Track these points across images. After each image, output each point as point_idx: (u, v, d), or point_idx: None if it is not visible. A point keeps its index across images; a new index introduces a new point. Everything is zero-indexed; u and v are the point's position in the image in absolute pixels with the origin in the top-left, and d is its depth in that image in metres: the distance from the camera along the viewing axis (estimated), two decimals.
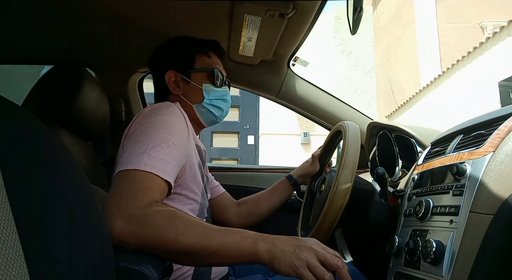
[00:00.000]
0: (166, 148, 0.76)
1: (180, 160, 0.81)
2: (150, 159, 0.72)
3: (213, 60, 1.03)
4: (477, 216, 0.64)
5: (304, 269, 0.61)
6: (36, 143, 0.44)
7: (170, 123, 0.81)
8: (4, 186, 0.37)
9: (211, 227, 0.68)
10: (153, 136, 0.76)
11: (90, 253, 0.47)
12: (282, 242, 0.65)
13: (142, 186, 0.69)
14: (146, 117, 0.83)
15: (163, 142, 0.76)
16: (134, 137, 0.78)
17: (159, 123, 0.80)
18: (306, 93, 1.50)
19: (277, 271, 0.63)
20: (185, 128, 0.85)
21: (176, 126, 0.82)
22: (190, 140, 0.86)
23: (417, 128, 1.18)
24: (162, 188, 0.73)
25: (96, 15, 1.16)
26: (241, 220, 1.20)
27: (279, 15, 1.03)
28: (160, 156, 0.74)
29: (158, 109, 0.85)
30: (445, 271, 0.65)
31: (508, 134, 0.68)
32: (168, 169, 0.74)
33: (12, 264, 0.34)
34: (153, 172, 0.71)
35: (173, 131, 0.80)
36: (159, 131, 0.78)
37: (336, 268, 0.62)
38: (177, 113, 0.86)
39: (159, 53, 1.04)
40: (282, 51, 1.31)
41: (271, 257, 0.63)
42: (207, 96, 0.98)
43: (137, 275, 0.56)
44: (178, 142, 0.80)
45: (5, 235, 0.35)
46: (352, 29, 0.98)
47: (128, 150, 0.75)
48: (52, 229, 0.41)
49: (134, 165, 0.71)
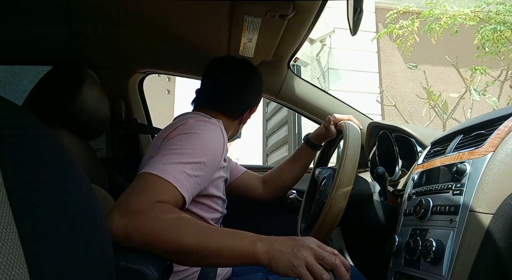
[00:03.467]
0: (195, 165, 0.76)
1: (206, 180, 0.82)
2: (174, 169, 0.73)
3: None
4: (477, 215, 0.64)
5: (302, 268, 0.61)
6: (36, 143, 0.44)
7: (208, 141, 0.82)
8: (4, 186, 0.37)
9: (211, 228, 0.68)
10: (187, 149, 0.77)
11: (90, 253, 0.47)
12: (280, 243, 0.65)
13: (155, 190, 0.69)
14: (189, 128, 0.83)
15: (194, 158, 0.77)
16: (169, 144, 0.79)
17: (198, 138, 0.81)
18: (306, 93, 1.51)
19: (275, 271, 0.63)
20: (221, 149, 0.86)
21: (213, 145, 0.83)
22: (221, 160, 0.87)
23: (417, 128, 1.18)
24: (176, 199, 0.72)
25: (96, 15, 1.17)
26: (270, 195, 1.27)
27: (279, 16, 1.03)
28: (185, 170, 0.74)
29: (202, 124, 0.85)
30: (445, 270, 0.65)
31: (508, 134, 0.69)
32: (188, 184, 0.74)
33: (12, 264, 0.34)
34: (172, 182, 0.71)
35: (208, 150, 0.81)
36: (195, 146, 0.78)
37: (334, 266, 0.62)
38: (218, 134, 0.86)
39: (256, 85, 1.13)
40: (282, 52, 1.31)
41: (270, 258, 0.63)
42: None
43: (137, 275, 0.56)
44: (209, 162, 0.80)
45: (5, 235, 0.35)
46: (353, 30, 0.98)
47: (158, 155, 0.76)
48: (52, 229, 0.41)
49: (157, 171, 0.71)
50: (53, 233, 0.41)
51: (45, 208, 0.41)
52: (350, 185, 0.91)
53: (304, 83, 1.51)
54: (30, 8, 1.11)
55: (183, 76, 1.56)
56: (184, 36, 1.23)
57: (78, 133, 1.10)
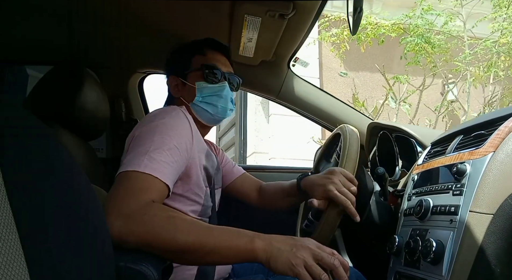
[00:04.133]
0: (168, 151, 0.77)
1: (182, 163, 0.82)
2: (150, 161, 0.73)
3: (209, 57, 1.02)
4: (477, 215, 0.64)
5: (301, 268, 0.61)
6: (36, 143, 0.44)
7: (173, 127, 0.82)
8: (4, 186, 0.37)
9: (208, 226, 0.68)
10: (155, 139, 0.78)
11: (90, 253, 0.47)
12: (279, 241, 0.65)
13: (141, 187, 0.70)
14: (150, 120, 0.84)
15: (164, 145, 0.77)
16: (137, 140, 0.79)
17: (162, 126, 0.81)
18: (306, 93, 1.50)
19: (273, 270, 0.63)
20: (189, 132, 0.86)
21: (179, 130, 0.83)
22: (194, 144, 0.87)
23: (417, 128, 1.18)
24: (161, 190, 0.73)
25: (96, 15, 1.17)
26: (263, 206, 1.20)
27: (279, 15, 1.02)
28: (161, 159, 0.75)
29: (163, 113, 0.86)
30: (445, 270, 0.65)
31: (508, 134, 0.69)
32: (168, 171, 0.75)
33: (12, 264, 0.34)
34: (152, 174, 0.72)
35: (176, 135, 0.81)
36: (161, 134, 0.79)
37: (332, 267, 0.62)
38: (181, 117, 0.86)
39: (166, 62, 1.08)
40: (282, 51, 1.31)
41: (268, 255, 0.63)
42: (199, 94, 0.98)
43: (137, 275, 0.56)
44: (180, 145, 0.80)
45: (5, 235, 0.35)
46: (352, 30, 0.98)
47: (130, 153, 0.76)
48: (52, 229, 0.41)
49: (135, 167, 0.72)
50: (53, 233, 0.41)
51: (45, 208, 0.41)
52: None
53: (305, 83, 1.51)
54: (30, 8, 1.11)
55: None
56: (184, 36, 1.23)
57: (78, 133, 1.10)
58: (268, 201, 1.18)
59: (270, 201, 1.17)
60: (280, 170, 1.66)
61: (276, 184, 1.19)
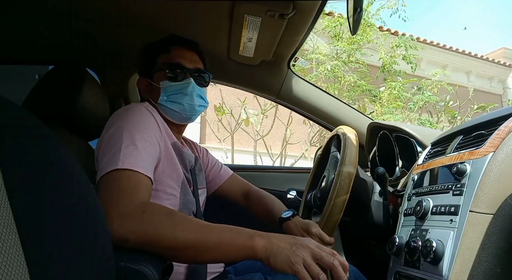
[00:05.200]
0: (139, 144, 0.77)
1: (155, 154, 0.82)
2: (126, 157, 0.74)
3: (174, 55, 1.00)
4: (477, 215, 0.64)
5: (300, 266, 0.62)
6: (36, 143, 0.44)
7: (139, 122, 0.83)
8: (4, 186, 0.37)
9: (207, 224, 0.69)
10: (124, 136, 0.78)
11: (90, 253, 0.47)
12: (278, 239, 0.65)
13: (129, 185, 0.70)
14: (114, 122, 0.84)
15: (134, 140, 0.78)
16: (106, 143, 0.79)
17: (128, 124, 0.81)
18: (306, 93, 1.50)
19: (272, 267, 0.64)
20: (155, 125, 0.86)
21: (145, 123, 0.83)
22: (163, 136, 0.87)
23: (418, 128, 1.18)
24: (147, 184, 0.74)
25: (96, 15, 1.16)
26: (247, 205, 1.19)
27: (279, 15, 1.02)
28: (135, 153, 0.75)
29: (123, 111, 0.86)
30: (445, 270, 0.65)
31: (508, 134, 0.69)
32: (145, 164, 0.76)
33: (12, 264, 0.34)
34: (133, 169, 0.73)
35: (142, 128, 0.82)
36: (128, 131, 0.79)
37: (331, 266, 0.62)
38: (143, 112, 0.87)
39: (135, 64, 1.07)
40: (282, 51, 1.31)
41: (268, 253, 0.64)
42: (163, 93, 0.97)
43: (137, 275, 0.56)
44: (149, 138, 0.81)
45: (5, 235, 0.34)
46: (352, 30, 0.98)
47: (105, 156, 0.76)
48: (52, 229, 0.41)
49: (113, 166, 0.72)
50: (53, 233, 0.41)
51: (45, 208, 0.41)
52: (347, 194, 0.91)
53: (305, 83, 1.51)
54: (31, 8, 1.11)
55: None
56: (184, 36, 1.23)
57: (78, 133, 1.10)
58: (253, 211, 1.17)
59: (255, 212, 1.17)
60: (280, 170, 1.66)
61: (262, 200, 1.15)
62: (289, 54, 1.35)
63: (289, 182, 1.61)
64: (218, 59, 1.37)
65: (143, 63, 1.04)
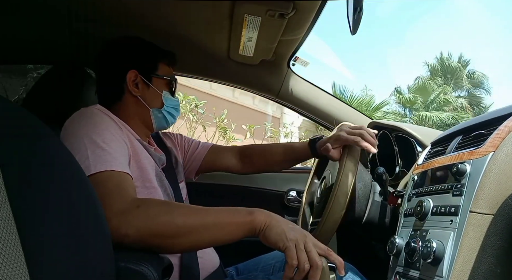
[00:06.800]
0: (104, 146, 0.75)
1: (124, 151, 0.81)
2: (96, 161, 0.72)
3: (171, 71, 1.03)
4: (477, 216, 0.64)
5: (292, 244, 0.63)
6: (36, 143, 0.44)
7: (96, 124, 0.80)
8: (4, 186, 0.37)
9: (203, 207, 0.69)
10: (86, 142, 0.75)
11: (90, 253, 0.47)
12: (279, 217, 0.68)
13: (112, 185, 0.70)
14: (69, 129, 0.81)
15: (97, 142, 0.75)
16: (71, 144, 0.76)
17: (85, 128, 0.79)
18: (306, 93, 1.50)
19: (266, 238, 0.65)
20: (113, 124, 0.84)
21: (104, 124, 0.81)
22: (125, 133, 0.86)
23: (418, 128, 1.18)
24: (128, 180, 0.74)
25: (96, 15, 1.16)
26: (244, 169, 1.17)
27: (279, 15, 1.02)
28: (103, 154, 0.74)
29: (77, 117, 0.83)
30: (445, 271, 0.65)
31: (508, 134, 0.68)
32: (118, 162, 0.74)
33: (12, 264, 0.34)
34: (107, 169, 0.71)
35: (102, 129, 0.79)
36: (88, 135, 0.76)
37: (313, 264, 0.63)
38: (97, 113, 0.84)
39: (120, 50, 1.02)
40: (282, 51, 1.31)
41: (266, 225, 0.65)
42: (166, 103, 0.98)
43: (137, 275, 0.56)
44: (112, 136, 0.79)
45: (5, 235, 0.34)
46: (352, 30, 0.98)
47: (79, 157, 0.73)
48: (52, 229, 0.41)
49: (86, 172, 0.69)
50: (53, 233, 0.41)
51: (45, 208, 0.41)
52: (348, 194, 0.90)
53: (305, 83, 1.51)
54: (31, 8, 1.11)
55: (183, 76, 1.56)
56: (184, 35, 1.23)
57: None
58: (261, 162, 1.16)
59: (264, 162, 1.16)
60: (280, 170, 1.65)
61: (266, 144, 1.18)
62: (289, 53, 1.35)
63: (289, 182, 1.61)
64: (218, 59, 1.37)
65: (143, 60, 1.01)
